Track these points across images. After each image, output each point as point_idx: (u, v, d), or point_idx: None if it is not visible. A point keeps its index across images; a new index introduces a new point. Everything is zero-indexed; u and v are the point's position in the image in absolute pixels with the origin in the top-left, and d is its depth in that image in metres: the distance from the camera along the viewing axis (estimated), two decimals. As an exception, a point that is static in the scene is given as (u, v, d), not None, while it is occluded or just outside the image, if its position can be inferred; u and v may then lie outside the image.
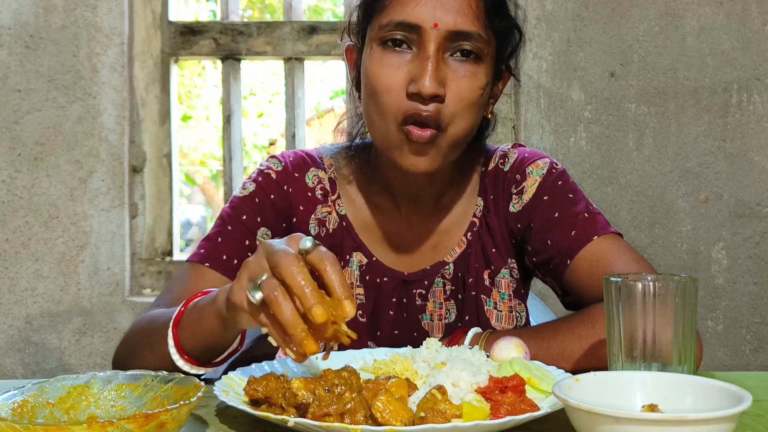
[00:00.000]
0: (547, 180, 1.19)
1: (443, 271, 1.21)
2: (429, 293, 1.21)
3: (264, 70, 6.26)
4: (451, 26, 1.04)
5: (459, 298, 1.21)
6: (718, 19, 2.12)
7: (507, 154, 1.24)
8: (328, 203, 1.22)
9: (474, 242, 1.21)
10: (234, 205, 1.20)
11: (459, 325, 1.20)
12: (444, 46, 1.05)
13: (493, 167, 1.23)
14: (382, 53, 1.07)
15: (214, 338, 0.94)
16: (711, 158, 2.13)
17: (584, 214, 1.16)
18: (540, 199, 1.18)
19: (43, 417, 0.78)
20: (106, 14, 2.12)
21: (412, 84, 1.04)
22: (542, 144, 2.13)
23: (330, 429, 0.75)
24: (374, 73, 1.07)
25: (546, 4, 2.13)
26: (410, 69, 1.05)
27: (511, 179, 1.21)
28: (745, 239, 2.13)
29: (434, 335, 1.20)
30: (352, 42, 1.18)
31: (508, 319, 1.20)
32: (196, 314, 0.94)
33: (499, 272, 1.21)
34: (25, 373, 2.11)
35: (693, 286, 0.86)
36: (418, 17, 1.04)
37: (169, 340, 0.95)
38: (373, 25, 1.09)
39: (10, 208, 2.10)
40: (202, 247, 1.18)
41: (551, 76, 2.13)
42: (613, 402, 0.75)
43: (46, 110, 2.11)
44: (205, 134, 6.40)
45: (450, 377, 0.86)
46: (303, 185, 1.22)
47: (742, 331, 2.14)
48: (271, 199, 1.20)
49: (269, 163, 1.23)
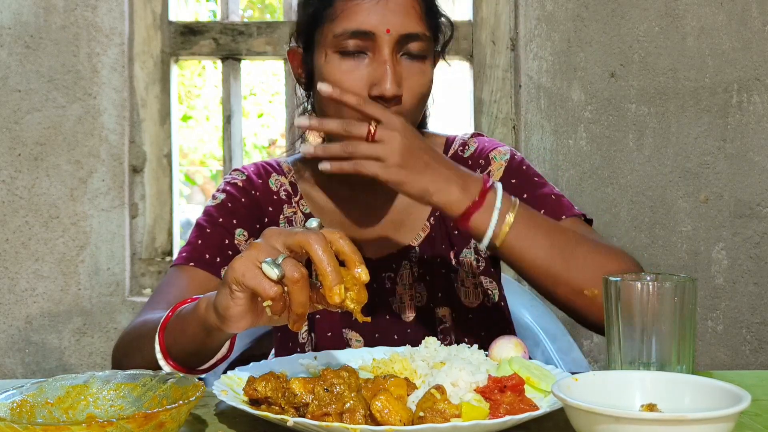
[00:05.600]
0: (512, 164, 1.27)
1: (410, 254, 1.27)
2: (397, 276, 1.26)
3: (264, 70, 6.25)
4: (401, 30, 1.12)
5: (427, 279, 1.26)
6: (719, 20, 2.12)
7: (467, 142, 1.32)
8: (292, 205, 1.29)
9: (437, 225, 1.28)
10: (209, 212, 1.27)
11: (431, 306, 1.26)
12: (396, 48, 1.13)
13: (452, 154, 1.31)
14: (340, 60, 1.13)
15: (197, 344, 0.95)
16: (711, 158, 2.13)
17: (551, 196, 1.24)
18: (508, 182, 1.25)
19: (42, 417, 0.78)
20: (106, 14, 2.12)
21: (375, 87, 1.11)
22: (542, 144, 2.13)
23: (329, 429, 0.75)
24: (334, 78, 1.13)
25: (546, 5, 2.13)
26: (369, 73, 1.12)
27: (474, 165, 1.28)
28: (746, 239, 2.13)
29: (405, 316, 1.25)
30: (294, 44, 1.25)
31: (473, 295, 1.27)
32: (180, 322, 0.96)
33: (461, 252, 1.27)
34: (25, 373, 2.11)
35: (692, 286, 0.86)
36: (371, 25, 1.11)
37: (156, 345, 0.98)
38: (324, 32, 1.15)
39: (10, 208, 2.11)
40: (184, 251, 1.23)
41: (551, 76, 2.13)
42: (612, 401, 0.75)
43: (46, 110, 2.11)
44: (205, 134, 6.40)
45: (449, 376, 0.86)
46: (268, 189, 1.29)
47: (742, 331, 2.14)
48: (242, 202, 1.27)
49: (233, 175, 1.32)
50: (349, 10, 1.12)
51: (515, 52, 2.17)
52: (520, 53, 2.14)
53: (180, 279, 1.19)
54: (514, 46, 2.18)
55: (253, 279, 0.82)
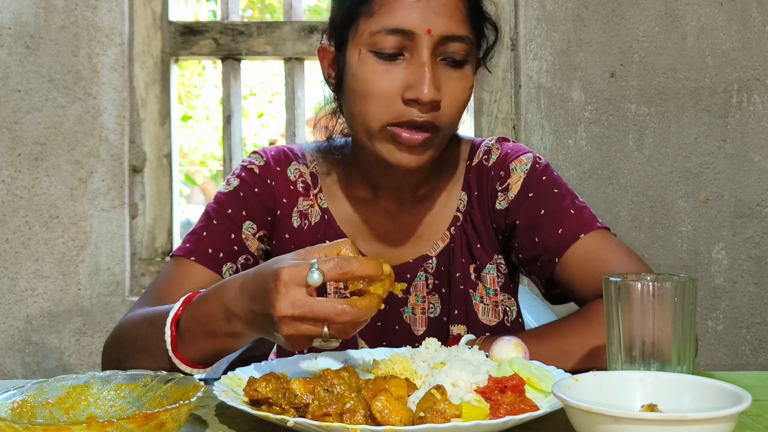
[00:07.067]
0: (531, 176, 1.19)
1: (425, 264, 1.22)
2: (411, 286, 1.22)
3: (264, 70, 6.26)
4: (443, 31, 1.05)
5: (443, 292, 1.22)
6: (719, 20, 2.12)
7: (491, 149, 1.24)
8: (309, 197, 1.23)
9: (457, 237, 1.22)
10: (219, 200, 1.21)
11: (444, 320, 1.21)
12: (436, 51, 1.06)
13: (477, 162, 1.24)
14: (375, 60, 1.06)
15: (232, 350, 0.97)
16: (711, 158, 2.13)
17: (570, 210, 1.16)
18: (525, 196, 1.18)
19: (42, 417, 0.78)
20: (106, 14, 2.12)
21: (409, 90, 1.05)
22: (542, 144, 2.13)
23: (329, 429, 0.75)
24: (366, 78, 1.07)
25: (546, 5, 2.13)
26: (405, 75, 1.05)
27: (495, 176, 1.21)
28: (745, 239, 2.13)
29: (416, 329, 1.21)
30: (327, 42, 1.17)
31: (494, 313, 1.21)
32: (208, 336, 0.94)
33: (484, 268, 1.22)
34: (25, 373, 2.11)
35: (692, 286, 0.86)
36: (412, 23, 1.04)
37: (171, 354, 0.96)
38: (359, 29, 1.08)
39: (10, 208, 2.11)
40: (187, 241, 1.18)
41: (551, 76, 2.13)
42: (612, 402, 0.75)
43: (46, 110, 2.11)
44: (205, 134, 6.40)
45: (449, 377, 0.86)
46: (285, 178, 1.23)
47: (742, 331, 2.14)
48: (255, 192, 1.21)
49: (251, 159, 1.25)
50: (389, 6, 1.05)
51: (515, 52, 2.17)
52: (520, 53, 2.14)
53: (178, 274, 1.15)
54: (514, 46, 2.18)
55: (308, 345, 0.86)
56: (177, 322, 0.96)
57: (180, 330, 0.96)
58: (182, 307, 0.97)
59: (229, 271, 1.16)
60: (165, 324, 0.96)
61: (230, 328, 0.91)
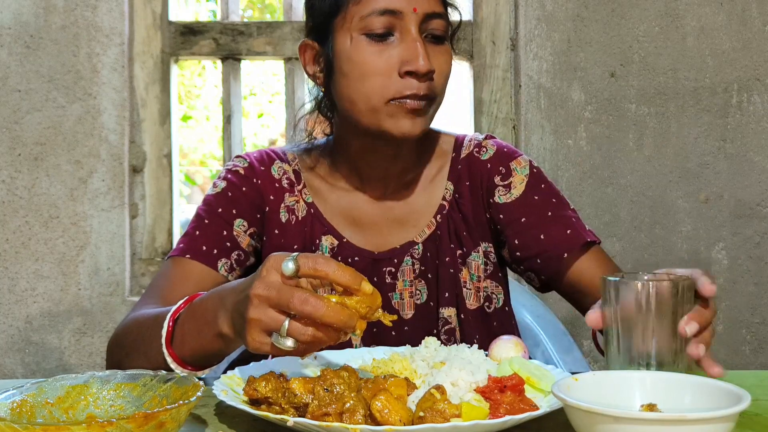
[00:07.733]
0: (532, 180, 1.27)
1: (412, 250, 1.26)
2: (398, 272, 1.26)
3: (264, 70, 6.25)
4: (426, 9, 1.15)
5: (429, 277, 1.26)
6: (719, 20, 2.12)
7: (482, 144, 1.31)
8: (294, 193, 1.28)
9: (444, 224, 1.27)
10: (208, 202, 1.27)
11: (431, 304, 1.25)
12: (421, 28, 1.15)
13: (466, 155, 1.30)
14: (368, 41, 1.14)
15: (218, 355, 0.97)
16: (711, 158, 2.13)
17: (573, 219, 1.25)
18: (531, 198, 1.26)
19: (42, 417, 0.78)
20: (106, 14, 2.12)
21: (407, 64, 1.12)
22: (542, 144, 2.13)
23: (329, 429, 0.75)
24: (363, 60, 1.14)
25: (546, 5, 2.13)
26: (399, 52, 1.13)
27: (494, 170, 1.28)
28: (745, 239, 2.13)
29: (404, 313, 1.25)
30: (307, 39, 1.25)
31: (475, 298, 1.26)
32: (195, 333, 0.95)
33: (469, 255, 1.27)
34: (25, 373, 2.11)
35: (692, 286, 0.86)
36: (399, 4, 1.13)
37: (164, 350, 0.97)
38: (348, 16, 1.15)
39: (10, 208, 2.11)
40: (181, 242, 1.23)
41: (551, 76, 2.13)
42: (611, 401, 0.75)
43: (46, 110, 2.11)
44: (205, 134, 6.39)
45: (449, 376, 0.86)
46: (270, 177, 1.29)
47: (742, 331, 2.14)
48: (243, 192, 1.27)
49: (235, 162, 1.31)
50: None
51: (515, 52, 2.17)
52: (520, 53, 2.14)
53: (176, 272, 1.19)
54: (514, 46, 2.18)
55: (271, 351, 0.84)
56: (176, 320, 0.98)
57: (176, 327, 0.97)
58: (184, 304, 0.98)
59: (224, 267, 1.21)
60: (164, 320, 0.98)
61: (216, 327, 0.91)
